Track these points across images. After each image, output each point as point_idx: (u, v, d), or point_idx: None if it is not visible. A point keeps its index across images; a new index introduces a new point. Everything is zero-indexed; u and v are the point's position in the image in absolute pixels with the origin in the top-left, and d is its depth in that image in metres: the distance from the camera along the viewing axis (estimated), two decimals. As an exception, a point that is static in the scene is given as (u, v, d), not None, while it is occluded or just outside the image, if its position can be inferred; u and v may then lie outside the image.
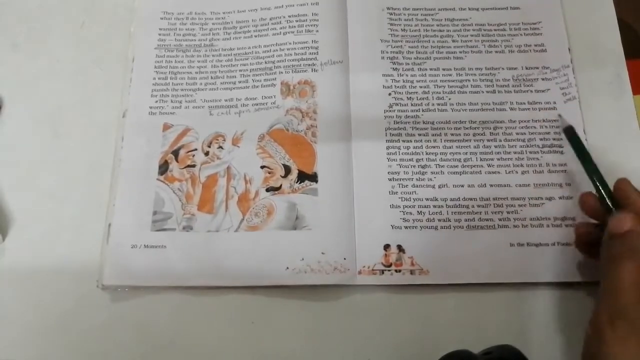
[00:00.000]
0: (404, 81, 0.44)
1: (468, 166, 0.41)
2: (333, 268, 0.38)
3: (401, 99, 0.43)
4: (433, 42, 0.45)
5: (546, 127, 0.42)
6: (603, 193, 0.35)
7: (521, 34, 0.46)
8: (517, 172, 0.41)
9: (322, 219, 0.40)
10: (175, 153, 0.42)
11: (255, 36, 0.46)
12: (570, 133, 0.39)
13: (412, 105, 0.43)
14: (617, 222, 0.33)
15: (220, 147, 0.42)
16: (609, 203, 0.34)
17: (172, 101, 0.44)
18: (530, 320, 0.38)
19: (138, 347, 0.38)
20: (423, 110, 0.43)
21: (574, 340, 0.36)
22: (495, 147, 0.42)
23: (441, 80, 0.44)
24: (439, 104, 0.43)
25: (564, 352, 0.37)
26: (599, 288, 0.32)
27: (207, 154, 0.42)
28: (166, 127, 0.43)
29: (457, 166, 0.41)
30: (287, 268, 0.38)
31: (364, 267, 0.38)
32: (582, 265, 0.38)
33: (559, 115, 0.42)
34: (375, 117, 0.43)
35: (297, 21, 0.46)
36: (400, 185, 0.41)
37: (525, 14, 0.47)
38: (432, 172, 0.41)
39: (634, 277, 0.30)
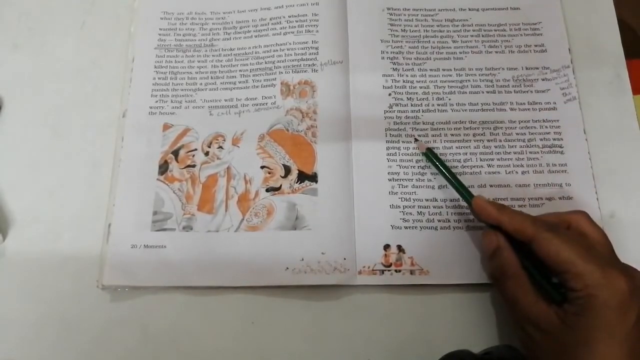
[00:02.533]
0: (404, 81, 0.44)
1: (468, 166, 0.41)
2: (333, 268, 0.38)
3: (401, 99, 0.43)
4: (433, 42, 0.45)
5: (546, 127, 0.42)
6: (472, 211, 0.37)
7: (521, 35, 0.46)
8: (517, 172, 0.41)
9: (322, 219, 0.40)
10: (175, 153, 0.42)
11: (255, 36, 0.46)
12: (431, 155, 0.40)
13: (412, 105, 0.43)
14: (485, 243, 0.36)
15: (220, 147, 0.42)
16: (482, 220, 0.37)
17: (172, 101, 0.44)
18: (530, 320, 0.38)
19: (138, 347, 0.38)
20: (423, 111, 0.43)
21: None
22: (495, 147, 0.42)
23: (441, 81, 0.44)
24: (439, 105, 0.43)
25: (563, 352, 0.37)
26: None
27: (207, 154, 0.42)
28: (166, 127, 0.43)
29: (457, 166, 0.41)
30: (287, 268, 0.38)
31: (364, 267, 0.38)
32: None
33: (415, 139, 0.42)
34: (375, 118, 0.43)
35: (297, 21, 0.46)
36: (400, 186, 0.41)
37: (525, 14, 0.47)
38: (432, 173, 0.41)
39: (516, 288, 0.33)
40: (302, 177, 0.41)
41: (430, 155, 0.40)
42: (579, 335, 0.30)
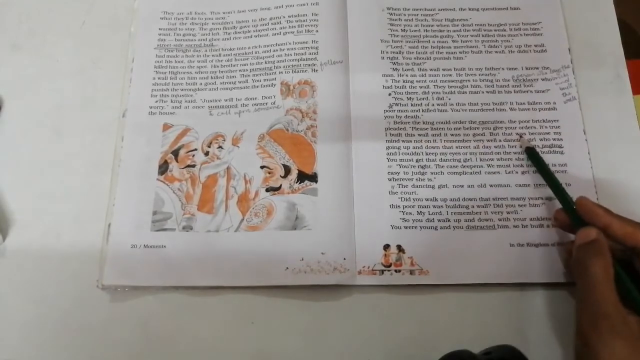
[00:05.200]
0: (404, 81, 0.44)
1: (468, 166, 0.41)
2: (333, 268, 0.38)
3: (401, 99, 0.43)
4: (433, 42, 0.45)
5: (546, 127, 0.42)
6: (570, 211, 0.37)
7: (521, 34, 0.46)
8: (517, 172, 0.41)
9: (321, 219, 0.40)
10: (175, 153, 0.42)
11: (255, 36, 0.46)
12: (532, 154, 0.40)
13: (412, 105, 0.43)
14: (583, 233, 0.35)
15: (220, 147, 0.42)
16: (577, 220, 0.36)
17: (172, 101, 0.44)
18: (529, 320, 0.38)
19: (138, 347, 0.38)
20: (423, 111, 0.43)
21: (573, 340, 0.35)
22: (495, 147, 0.42)
23: (441, 81, 0.44)
24: (438, 104, 0.43)
25: (563, 352, 0.37)
26: (577, 300, 0.33)
27: (207, 154, 0.42)
28: (166, 127, 0.43)
29: (457, 166, 0.41)
30: (287, 268, 0.38)
31: (363, 267, 0.38)
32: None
33: (520, 136, 0.42)
34: (375, 117, 0.43)
35: (297, 21, 0.46)
36: (400, 186, 0.41)
37: (525, 14, 0.47)
38: (432, 173, 0.41)
39: (605, 273, 0.32)
40: (302, 177, 0.41)
41: (532, 153, 0.40)
42: None
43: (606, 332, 0.30)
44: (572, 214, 0.36)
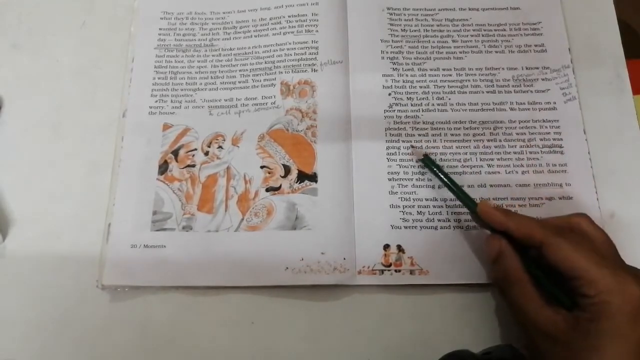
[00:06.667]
0: (404, 81, 0.44)
1: (468, 166, 0.41)
2: (333, 268, 0.38)
3: (401, 99, 0.43)
4: (433, 42, 0.45)
5: (546, 127, 0.42)
6: (476, 219, 0.37)
7: (521, 34, 0.46)
8: (517, 172, 0.41)
9: (321, 219, 0.40)
10: (175, 153, 0.42)
11: (255, 36, 0.46)
12: (428, 162, 0.39)
13: (412, 105, 0.43)
14: (487, 248, 0.35)
15: (220, 147, 0.42)
16: (485, 226, 0.36)
17: (172, 101, 0.44)
18: (530, 320, 0.38)
19: (138, 347, 0.38)
20: (423, 111, 0.43)
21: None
22: (495, 147, 0.42)
23: (441, 81, 0.44)
24: (438, 104, 0.43)
25: (563, 352, 0.37)
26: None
27: (206, 153, 0.42)
28: (166, 127, 0.43)
29: (456, 166, 0.41)
30: (287, 268, 0.38)
31: (363, 267, 0.38)
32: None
33: (411, 146, 0.41)
34: (375, 117, 0.43)
35: (297, 21, 0.46)
36: (400, 185, 0.41)
37: (525, 14, 0.47)
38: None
39: (523, 295, 0.33)
40: (302, 176, 0.41)
41: (428, 162, 0.39)
42: (590, 341, 0.29)
43: (536, 337, 0.32)
44: (478, 221, 0.37)
